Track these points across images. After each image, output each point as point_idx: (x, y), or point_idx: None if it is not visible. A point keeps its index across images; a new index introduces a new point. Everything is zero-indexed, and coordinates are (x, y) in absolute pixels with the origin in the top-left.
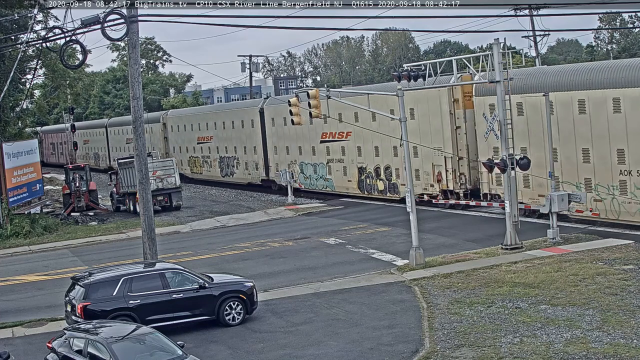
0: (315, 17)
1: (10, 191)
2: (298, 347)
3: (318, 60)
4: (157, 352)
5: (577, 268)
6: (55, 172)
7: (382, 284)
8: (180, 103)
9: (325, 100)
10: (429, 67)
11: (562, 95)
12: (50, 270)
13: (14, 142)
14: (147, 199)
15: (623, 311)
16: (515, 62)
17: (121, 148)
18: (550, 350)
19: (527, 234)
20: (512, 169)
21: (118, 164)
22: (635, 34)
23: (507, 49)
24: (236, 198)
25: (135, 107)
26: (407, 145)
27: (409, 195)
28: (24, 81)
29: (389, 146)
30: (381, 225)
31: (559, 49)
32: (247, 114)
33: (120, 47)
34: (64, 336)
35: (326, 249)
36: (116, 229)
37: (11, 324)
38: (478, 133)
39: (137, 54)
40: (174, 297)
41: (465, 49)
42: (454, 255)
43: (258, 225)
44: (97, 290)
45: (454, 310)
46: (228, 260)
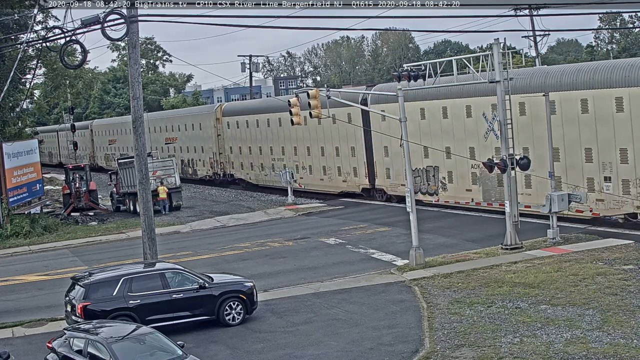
0: (315, 17)
1: (10, 191)
2: (298, 347)
3: (318, 60)
4: (157, 352)
5: (577, 268)
6: (55, 172)
7: (382, 284)
8: (180, 103)
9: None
10: (429, 67)
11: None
12: (50, 270)
13: (14, 142)
14: (147, 199)
15: (623, 311)
16: (516, 62)
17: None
18: (550, 350)
19: (527, 234)
20: (512, 169)
21: (118, 164)
22: (635, 34)
23: (507, 49)
24: (236, 198)
25: (135, 107)
26: (407, 145)
27: (409, 195)
28: (24, 81)
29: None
30: (381, 225)
31: (559, 49)
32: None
33: (120, 47)
34: (64, 336)
35: (326, 249)
36: (116, 229)
37: (11, 324)
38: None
39: (137, 54)
40: (174, 297)
41: (465, 49)
42: (454, 255)
43: (258, 225)
44: (97, 290)
45: (454, 310)
46: (228, 260)
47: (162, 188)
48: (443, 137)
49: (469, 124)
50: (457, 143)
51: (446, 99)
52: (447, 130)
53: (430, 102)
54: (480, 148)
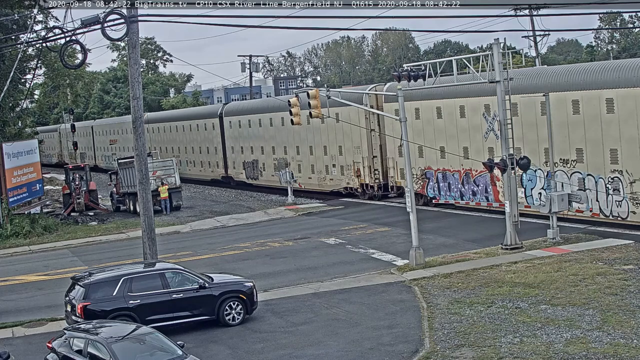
0: (315, 17)
1: (10, 191)
2: (298, 347)
3: (318, 60)
4: (157, 352)
5: (577, 268)
6: (55, 172)
7: (382, 284)
8: (180, 103)
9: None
10: (429, 67)
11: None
12: (50, 270)
13: (14, 142)
14: (147, 199)
15: (623, 311)
16: (516, 62)
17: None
18: (550, 350)
19: (527, 234)
20: (512, 169)
21: (118, 164)
22: (635, 34)
23: (507, 49)
24: (236, 198)
25: (135, 107)
26: (407, 145)
27: (408, 195)
28: (24, 81)
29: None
30: (381, 225)
31: (559, 49)
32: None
33: (120, 47)
34: (64, 336)
35: (326, 249)
36: (116, 229)
37: (11, 324)
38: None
39: (137, 54)
40: (174, 297)
41: (465, 49)
42: (454, 255)
43: (258, 225)
44: (97, 290)
45: (454, 310)
46: (228, 260)
47: (164, 188)
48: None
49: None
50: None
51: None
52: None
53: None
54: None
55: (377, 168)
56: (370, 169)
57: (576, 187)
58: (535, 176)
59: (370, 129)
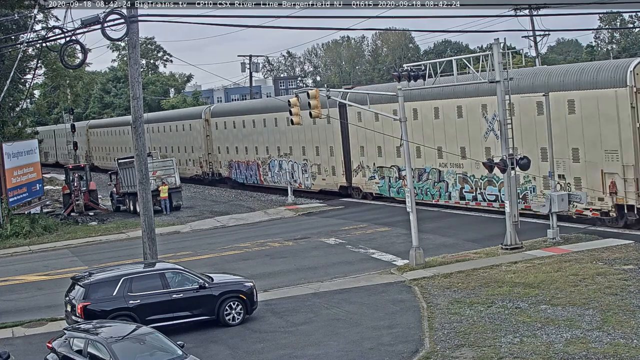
0: (315, 17)
1: (10, 191)
2: (298, 347)
3: (318, 60)
4: (157, 352)
5: (577, 268)
6: (55, 172)
7: (382, 284)
8: (181, 103)
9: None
10: (429, 67)
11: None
12: (50, 270)
13: (13, 142)
14: (147, 199)
15: (623, 311)
16: (516, 62)
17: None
18: (550, 350)
19: (527, 234)
20: (512, 169)
21: (118, 164)
22: (635, 34)
23: (507, 49)
24: (236, 198)
25: (135, 107)
26: (407, 145)
27: (408, 195)
28: (24, 81)
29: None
30: (381, 225)
31: (559, 49)
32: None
33: (120, 47)
34: (64, 336)
35: (326, 249)
36: (116, 229)
37: (11, 324)
38: None
39: (137, 54)
40: (174, 297)
41: (465, 49)
42: (454, 255)
43: (258, 225)
44: (97, 290)
45: (454, 310)
46: (228, 260)
47: (164, 188)
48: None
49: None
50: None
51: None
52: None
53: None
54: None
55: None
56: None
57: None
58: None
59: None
